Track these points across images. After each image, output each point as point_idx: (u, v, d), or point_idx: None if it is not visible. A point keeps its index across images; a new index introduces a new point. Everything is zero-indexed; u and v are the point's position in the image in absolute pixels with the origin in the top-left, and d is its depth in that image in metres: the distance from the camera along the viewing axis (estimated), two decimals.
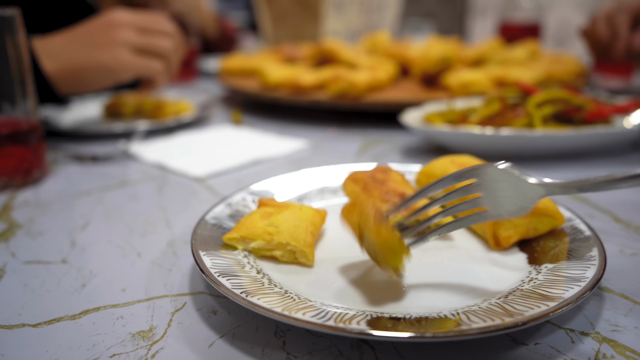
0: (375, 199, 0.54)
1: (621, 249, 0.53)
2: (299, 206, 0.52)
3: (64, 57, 0.90)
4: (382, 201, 0.53)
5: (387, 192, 0.54)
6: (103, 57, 0.89)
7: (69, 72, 0.90)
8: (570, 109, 0.85)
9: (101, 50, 0.90)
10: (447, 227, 0.45)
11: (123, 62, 0.90)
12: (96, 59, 0.89)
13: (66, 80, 0.90)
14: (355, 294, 0.43)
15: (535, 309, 0.36)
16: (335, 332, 0.35)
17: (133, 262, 0.52)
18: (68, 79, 0.90)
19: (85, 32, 0.92)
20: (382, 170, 0.60)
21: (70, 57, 0.90)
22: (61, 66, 0.89)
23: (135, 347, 0.39)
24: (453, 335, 0.35)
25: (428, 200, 0.48)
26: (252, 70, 1.42)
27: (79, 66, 0.90)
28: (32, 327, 0.42)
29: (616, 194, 0.68)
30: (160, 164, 0.85)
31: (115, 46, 0.90)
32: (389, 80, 1.20)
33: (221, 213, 0.55)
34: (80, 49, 0.90)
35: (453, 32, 3.40)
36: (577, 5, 2.94)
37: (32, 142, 0.75)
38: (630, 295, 0.44)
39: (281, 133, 1.04)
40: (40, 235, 0.59)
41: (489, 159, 0.73)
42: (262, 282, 0.43)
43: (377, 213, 0.40)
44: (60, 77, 0.90)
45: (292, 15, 1.92)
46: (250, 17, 3.54)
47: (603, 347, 0.38)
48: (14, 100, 0.72)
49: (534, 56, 1.45)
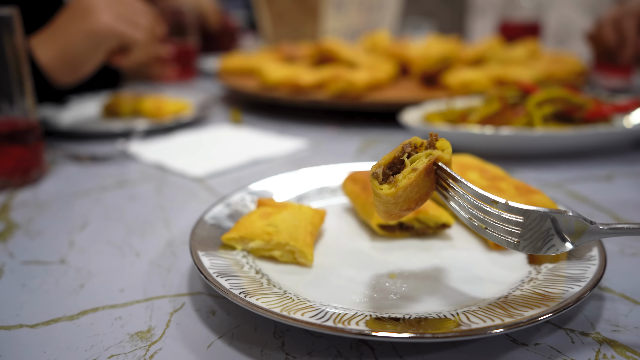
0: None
1: (621, 249, 0.52)
2: (298, 206, 0.52)
3: (54, 40, 0.91)
4: None
5: None
6: (88, 24, 0.91)
7: (61, 52, 0.90)
8: (570, 108, 0.85)
9: (85, 19, 0.92)
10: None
11: (107, 25, 0.92)
12: (82, 26, 0.91)
13: (60, 64, 0.90)
14: (355, 294, 0.42)
15: (535, 309, 0.36)
16: (334, 332, 0.35)
17: (132, 263, 0.52)
18: (61, 61, 0.90)
19: (68, 13, 0.94)
20: None
21: (59, 37, 0.91)
22: (53, 50, 0.90)
23: (134, 348, 0.39)
24: (452, 335, 0.34)
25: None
26: (251, 70, 1.42)
27: (67, 42, 0.91)
28: (30, 327, 0.41)
29: (616, 194, 0.68)
30: (159, 164, 0.84)
31: (98, 12, 0.93)
32: (388, 79, 1.20)
33: (220, 213, 0.55)
34: (65, 26, 0.92)
35: (453, 32, 3.40)
36: (578, 4, 2.93)
37: (31, 142, 0.75)
38: (630, 295, 0.44)
39: (280, 133, 1.04)
40: (38, 235, 0.59)
41: (489, 158, 0.73)
42: (261, 282, 0.43)
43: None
44: (54, 64, 0.90)
45: (291, 15, 1.92)
46: (250, 16, 3.54)
47: (603, 347, 0.37)
48: (12, 100, 0.71)
49: (533, 55, 1.44)
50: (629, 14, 1.19)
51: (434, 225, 0.52)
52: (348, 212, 0.60)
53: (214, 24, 2.05)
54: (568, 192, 0.69)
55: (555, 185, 0.72)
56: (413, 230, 0.52)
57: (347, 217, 0.59)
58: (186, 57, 1.71)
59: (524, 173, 0.77)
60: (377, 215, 0.51)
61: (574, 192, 0.69)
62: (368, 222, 0.54)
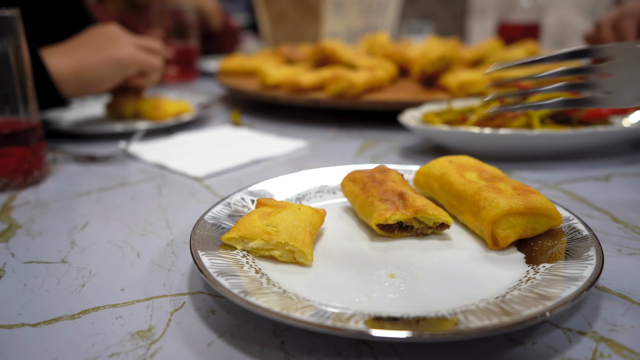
0: (374, 198, 0.54)
1: (619, 249, 0.53)
2: (297, 206, 0.53)
3: (70, 55, 0.94)
4: (380, 200, 0.53)
5: (385, 192, 0.54)
6: (114, 51, 0.98)
7: (75, 67, 0.93)
8: (568, 109, 0.85)
9: (111, 47, 0.99)
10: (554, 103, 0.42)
11: (132, 55, 1.00)
12: (107, 53, 0.97)
13: (70, 78, 0.93)
14: (354, 293, 0.43)
15: (532, 309, 0.37)
16: (333, 332, 0.35)
17: (132, 262, 0.52)
18: (72, 75, 0.93)
19: (90, 37, 0.99)
20: (381, 171, 0.61)
21: (76, 53, 0.95)
22: (67, 62, 0.92)
23: (134, 347, 0.39)
24: (451, 335, 0.35)
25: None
26: (251, 71, 1.43)
27: (89, 62, 0.95)
28: (32, 326, 0.42)
29: (614, 194, 0.68)
30: (160, 164, 0.85)
31: (123, 44, 1.00)
32: (388, 79, 1.20)
33: (220, 213, 0.55)
34: (86, 46, 0.97)
35: (452, 33, 3.40)
36: (576, 5, 2.94)
37: (32, 142, 0.75)
38: (627, 294, 0.44)
39: (280, 134, 1.04)
40: (40, 235, 0.60)
41: (488, 159, 0.73)
42: (260, 281, 0.43)
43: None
44: (64, 76, 0.92)
45: (291, 17, 1.93)
46: (252, 18, 3.54)
47: (600, 346, 0.38)
48: (14, 100, 0.72)
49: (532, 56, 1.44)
50: (627, 15, 1.19)
51: (433, 225, 0.52)
52: (348, 212, 0.60)
53: (216, 24, 2.05)
54: (566, 193, 0.69)
55: (554, 186, 0.72)
56: (412, 230, 0.53)
57: (346, 217, 0.59)
58: (187, 58, 1.72)
59: (522, 174, 0.77)
60: (376, 215, 0.52)
61: (572, 193, 0.69)
62: (367, 221, 0.54)
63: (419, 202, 0.52)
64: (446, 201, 0.57)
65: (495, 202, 0.49)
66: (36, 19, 1.07)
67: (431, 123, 0.89)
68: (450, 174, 0.57)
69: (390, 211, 0.51)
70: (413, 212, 0.51)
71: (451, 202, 0.56)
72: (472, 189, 0.53)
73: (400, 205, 0.53)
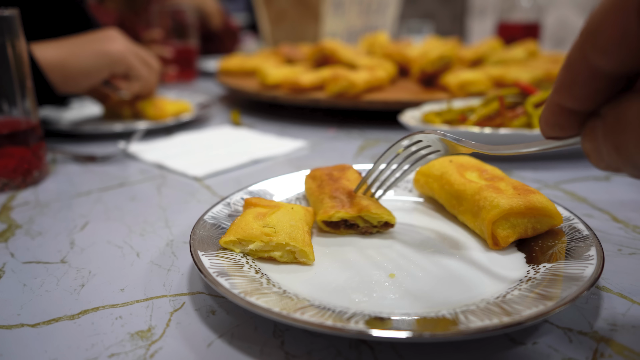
0: (324, 195, 0.56)
1: (619, 249, 0.53)
2: (290, 205, 0.53)
3: (58, 47, 0.93)
4: (330, 198, 0.55)
5: (336, 189, 0.56)
6: (104, 45, 0.97)
7: (64, 58, 0.92)
8: None
9: (103, 42, 0.98)
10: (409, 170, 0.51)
11: (122, 52, 0.99)
12: (97, 47, 0.96)
13: (58, 69, 0.92)
14: (354, 293, 0.43)
15: (533, 309, 0.36)
16: (333, 332, 0.35)
17: (132, 262, 0.52)
18: (60, 67, 0.92)
19: (86, 36, 0.99)
20: (340, 169, 0.62)
21: (65, 46, 0.94)
22: (57, 53, 0.92)
23: (134, 347, 0.39)
24: (451, 335, 0.35)
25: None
26: (251, 70, 1.42)
27: (76, 53, 0.94)
28: (31, 327, 0.42)
29: (615, 194, 0.68)
30: (160, 164, 0.85)
31: (117, 42, 0.99)
32: (388, 78, 1.20)
33: (220, 213, 0.55)
34: (77, 42, 0.97)
35: (452, 33, 3.40)
36: (576, 5, 2.94)
37: (32, 142, 0.75)
38: (628, 294, 0.44)
39: (280, 133, 1.04)
40: (39, 235, 0.59)
41: (488, 158, 0.73)
42: (260, 281, 0.43)
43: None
44: (52, 66, 0.91)
45: (291, 17, 1.92)
46: (252, 18, 3.54)
47: (601, 346, 0.38)
48: (13, 101, 0.72)
49: (532, 56, 1.45)
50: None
51: (377, 224, 0.53)
52: None
53: (216, 23, 2.05)
54: (566, 193, 0.69)
55: (554, 186, 0.72)
56: (357, 228, 0.54)
57: None
58: (187, 57, 1.72)
59: (523, 173, 0.77)
60: (321, 212, 0.53)
61: (573, 192, 0.69)
62: (315, 218, 0.55)
63: (364, 201, 0.54)
64: (446, 201, 0.57)
65: (495, 202, 0.49)
66: (38, 23, 1.07)
67: (431, 123, 0.89)
68: (450, 174, 0.57)
69: (335, 209, 0.53)
70: (357, 210, 0.53)
71: (451, 202, 0.56)
72: (472, 188, 0.53)
73: (347, 203, 0.54)
